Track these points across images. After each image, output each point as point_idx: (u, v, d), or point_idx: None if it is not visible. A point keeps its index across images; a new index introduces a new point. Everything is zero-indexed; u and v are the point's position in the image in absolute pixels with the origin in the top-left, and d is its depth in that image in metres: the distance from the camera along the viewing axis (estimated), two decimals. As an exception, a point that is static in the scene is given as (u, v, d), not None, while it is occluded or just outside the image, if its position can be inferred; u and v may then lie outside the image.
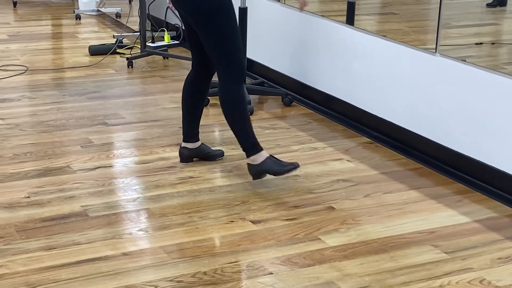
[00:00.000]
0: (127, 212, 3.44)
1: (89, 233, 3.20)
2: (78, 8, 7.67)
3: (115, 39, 6.36)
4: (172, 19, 6.60)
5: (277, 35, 5.31)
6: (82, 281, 2.83)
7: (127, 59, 5.86)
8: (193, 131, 3.94)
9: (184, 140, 3.95)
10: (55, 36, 6.95)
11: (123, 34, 6.49)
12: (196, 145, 3.96)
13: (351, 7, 4.68)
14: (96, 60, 5.95)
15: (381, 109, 4.41)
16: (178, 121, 4.20)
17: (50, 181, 3.72)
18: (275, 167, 3.65)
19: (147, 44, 6.10)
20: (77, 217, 3.35)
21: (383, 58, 4.37)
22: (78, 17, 7.48)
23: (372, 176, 3.88)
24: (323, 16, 4.85)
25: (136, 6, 6.63)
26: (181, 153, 3.97)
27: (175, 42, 6.39)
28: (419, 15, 4.81)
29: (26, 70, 5.66)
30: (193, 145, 3.95)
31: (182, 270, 2.93)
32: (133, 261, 2.99)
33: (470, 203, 3.60)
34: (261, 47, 5.46)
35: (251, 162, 3.68)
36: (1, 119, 4.60)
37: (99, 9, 7.70)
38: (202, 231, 3.26)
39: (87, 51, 6.18)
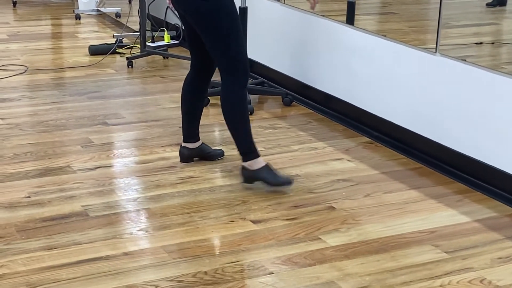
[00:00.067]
0: (127, 212, 3.44)
1: (89, 233, 3.21)
2: (78, 8, 7.67)
3: (115, 39, 6.36)
4: (172, 19, 6.60)
5: (277, 35, 5.31)
6: (82, 281, 2.83)
7: (127, 59, 5.86)
8: (193, 131, 3.93)
9: (184, 141, 3.95)
10: (55, 36, 6.95)
11: (123, 34, 6.49)
12: (196, 145, 3.95)
13: (351, 7, 4.68)
14: (96, 60, 5.95)
15: (381, 108, 4.41)
16: (178, 121, 4.20)
17: (50, 181, 3.72)
18: (269, 177, 3.63)
19: (147, 44, 6.10)
20: (78, 217, 3.35)
21: (383, 58, 4.37)
22: (78, 17, 7.48)
23: (372, 176, 3.88)
24: (323, 16, 4.85)
25: (136, 6, 6.63)
26: (181, 153, 3.97)
27: (175, 42, 6.39)
28: (419, 14, 4.81)
29: (26, 70, 5.66)
30: (193, 145, 3.95)
31: (183, 270, 2.93)
32: (134, 261, 2.99)
33: (471, 203, 3.60)
34: (261, 47, 5.46)
35: (246, 166, 3.66)
36: (1, 119, 4.60)
37: (99, 9, 7.70)
38: (203, 231, 3.26)
39: (87, 51, 6.17)
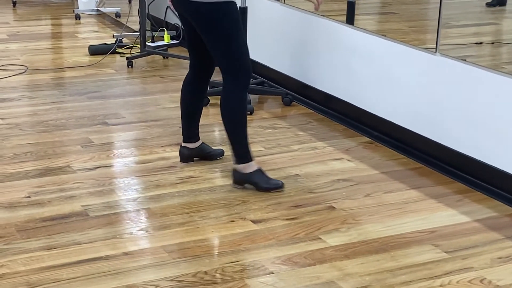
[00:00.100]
0: (127, 211, 3.44)
1: (89, 233, 3.20)
2: (77, 8, 7.67)
3: (115, 39, 6.36)
4: (172, 19, 6.60)
5: (277, 35, 5.31)
6: (82, 281, 2.83)
7: (127, 58, 5.86)
8: (193, 131, 3.93)
9: (184, 141, 3.95)
10: (55, 35, 6.95)
11: (123, 34, 6.48)
12: (196, 144, 3.95)
13: (351, 6, 4.68)
14: (96, 59, 5.95)
15: (381, 108, 4.41)
16: (178, 121, 4.20)
17: (50, 181, 3.72)
18: (261, 181, 3.63)
19: (147, 43, 6.10)
20: (78, 217, 3.35)
21: (383, 58, 4.37)
22: (77, 16, 7.48)
23: (373, 176, 3.88)
24: (323, 16, 4.85)
25: (136, 5, 6.62)
26: (181, 153, 3.97)
27: (175, 42, 6.39)
28: (419, 14, 4.81)
29: (26, 70, 5.66)
30: (193, 145, 3.94)
31: (183, 270, 2.93)
32: (134, 261, 2.99)
33: (470, 203, 3.60)
34: (261, 47, 5.46)
35: (239, 169, 3.66)
36: (1, 119, 4.60)
37: (99, 8, 7.70)
38: (203, 231, 3.26)
39: (87, 50, 6.17)
